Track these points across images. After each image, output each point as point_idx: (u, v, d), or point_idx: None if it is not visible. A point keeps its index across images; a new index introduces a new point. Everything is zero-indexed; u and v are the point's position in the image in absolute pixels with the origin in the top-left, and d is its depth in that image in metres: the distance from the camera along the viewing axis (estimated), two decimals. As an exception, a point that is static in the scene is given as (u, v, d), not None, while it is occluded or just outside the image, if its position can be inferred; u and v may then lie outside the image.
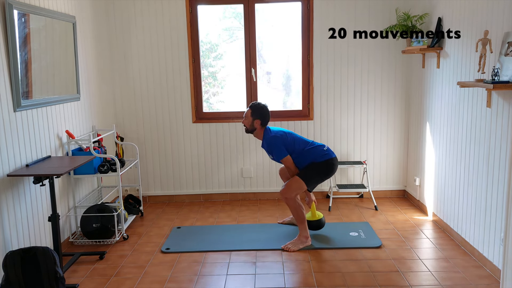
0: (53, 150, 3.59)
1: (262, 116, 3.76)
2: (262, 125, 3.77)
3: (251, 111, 3.77)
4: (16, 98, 3.05)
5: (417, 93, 4.62)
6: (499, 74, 2.88)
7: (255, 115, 3.75)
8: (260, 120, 3.75)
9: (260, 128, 3.79)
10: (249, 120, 3.78)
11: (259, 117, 3.75)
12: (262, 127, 3.78)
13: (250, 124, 3.78)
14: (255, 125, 3.77)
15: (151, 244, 3.85)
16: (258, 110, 3.76)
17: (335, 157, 3.78)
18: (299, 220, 3.70)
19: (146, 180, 5.06)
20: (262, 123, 3.77)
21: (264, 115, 3.76)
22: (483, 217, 3.29)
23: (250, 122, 3.78)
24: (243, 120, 3.83)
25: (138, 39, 4.82)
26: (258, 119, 3.75)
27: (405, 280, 3.12)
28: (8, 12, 2.96)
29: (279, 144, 3.70)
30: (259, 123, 3.76)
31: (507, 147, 2.91)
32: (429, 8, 4.25)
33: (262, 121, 3.76)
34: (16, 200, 3.07)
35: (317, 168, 3.72)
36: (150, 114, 4.95)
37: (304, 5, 4.77)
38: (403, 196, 5.05)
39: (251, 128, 3.80)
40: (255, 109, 3.77)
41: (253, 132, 3.82)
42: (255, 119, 3.75)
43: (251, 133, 3.84)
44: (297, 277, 3.22)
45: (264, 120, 3.77)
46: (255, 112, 3.76)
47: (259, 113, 3.75)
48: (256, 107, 3.78)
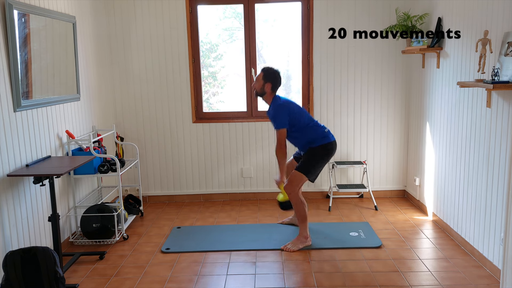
0: (53, 150, 3.59)
1: (273, 80, 3.70)
2: (272, 89, 3.72)
3: (263, 74, 3.71)
4: (16, 98, 3.05)
5: (417, 93, 4.62)
6: (499, 74, 2.88)
7: (266, 78, 3.70)
8: (271, 84, 3.69)
9: (270, 93, 3.73)
10: (260, 83, 3.72)
11: (270, 80, 3.69)
12: (272, 92, 3.73)
13: (261, 87, 3.72)
14: (266, 89, 3.71)
15: (151, 244, 3.85)
16: (270, 74, 3.71)
17: (334, 140, 3.74)
18: (300, 217, 3.69)
19: (146, 180, 5.06)
20: (272, 88, 3.71)
21: (276, 79, 3.71)
22: (483, 217, 3.29)
23: (261, 86, 3.72)
24: (254, 84, 3.78)
25: (138, 39, 4.82)
26: (269, 83, 3.69)
27: (405, 280, 3.12)
28: (8, 12, 2.96)
29: (285, 114, 3.64)
30: (269, 87, 3.70)
31: (507, 147, 2.91)
32: (429, 8, 4.25)
33: (273, 85, 3.70)
34: (16, 200, 3.07)
35: (314, 156, 3.68)
36: (150, 114, 4.95)
37: (304, 5, 4.77)
38: (403, 196, 5.05)
39: (261, 92, 3.74)
40: (267, 73, 3.71)
41: (263, 96, 3.77)
42: (266, 82, 3.69)
43: (260, 96, 3.79)
44: (297, 277, 3.22)
45: (275, 85, 3.71)
46: (267, 75, 3.70)
47: (271, 77, 3.70)
48: (269, 70, 3.72)
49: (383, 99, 4.87)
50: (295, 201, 3.66)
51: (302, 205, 3.68)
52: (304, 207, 3.69)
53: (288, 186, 3.65)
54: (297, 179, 3.65)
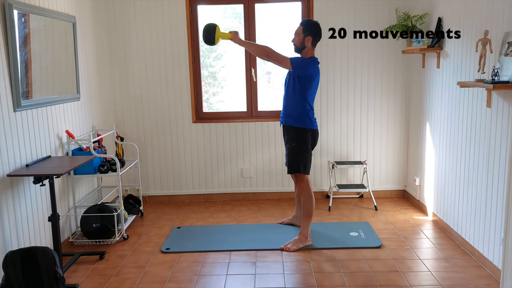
0: (53, 150, 3.59)
1: (314, 33, 3.54)
2: (313, 44, 3.57)
3: (303, 27, 3.55)
4: (16, 98, 3.05)
5: (417, 93, 4.62)
6: (499, 74, 2.88)
7: (307, 31, 3.53)
8: (312, 37, 3.55)
9: (311, 47, 3.58)
10: (300, 37, 3.55)
11: (311, 33, 3.54)
12: (312, 46, 3.58)
13: (301, 41, 3.56)
14: (306, 43, 3.55)
15: (151, 244, 3.85)
16: (311, 26, 3.54)
17: (316, 129, 3.67)
18: (306, 213, 3.69)
19: (146, 180, 5.06)
20: (313, 41, 3.57)
21: (317, 31, 3.56)
22: (483, 217, 3.29)
23: (301, 39, 3.55)
24: (293, 38, 3.61)
25: (138, 39, 4.82)
26: (310, 36, 3.54)
27: (405, 280, 3.12)
28: (8, 12, 2.96)
29: (307, 68, 3.48)
30: (310, 40, 3.55)
31: (507, 147, 2.91)
32: (429, 8, 4.25)
33: (313, 38, 3.55)
34: (16, 200, 3.07)
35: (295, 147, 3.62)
36: (150, 114, 4.95)
37: (304, 5, 4.77)
38: (403, 196, 5.05)
39: (301, 46, 3.58)
40: (307, 25, 3.55)
41: (302, 52, 3.60)
42: (307, 35, 3.53)
43: (299, 52, 3.62)
44: (297, 277, 3.22)
45: (316, 38, 3.57)
46: (308, 28, 3.54)
47: (312, 29, 3.54)
48: (309, 23, 3.56)
49: (383, 99, 4.87)
50: (307, 193, 3.68)
51: (311, 200, 3.69)
52: (312, 203, 3.69)
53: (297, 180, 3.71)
54: (298, 178, 3.71)
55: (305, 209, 3.70)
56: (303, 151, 3.65)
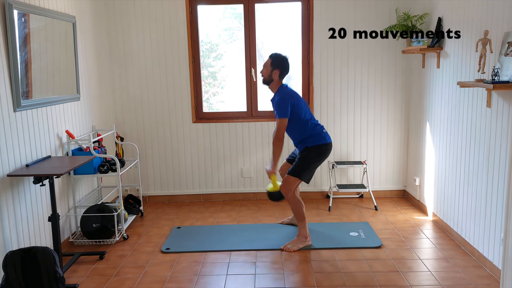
0: (53, 150, 3.59)
1: (281, 67, 3.63)
2: (280, 77, 3.66)
3: (271, 60, 3.65)
4: (16, 98, 3.05)
5: (417, 93, 4.62)
6: (499, 74, 2.88)
7: (275, 65, 3.63)
8: (280, 71, 3.63)
9: (278, 81, 3.67)
10: (268, 70, 3.66)
11: (278, 67, 3.63)
12: (279, 79, 3.67)
13: (269, 74, 3.65)
14: (274, 76, 3.65)
15: (151, 244, 3.85)
16: (279, 60, 3.64)
17: (330, 142, 3.71)
18: (299, 217, 3.69)
19: (146, 180, 5.06)
20: (280, 74, 3.65)
21: (284, 66, 3.65)
22: (483, 217, 3.29)
23: (268, 72, 3.65)
24: (262, 70, 3.71)
25: (138, 39, 4.82)
26: (277, 69, 3.63)
27: (405, 280, 3.12)
28: (8, 12, 2.96)
29: (288, 103, 3.57)
30: (277, 74, 3.64)
31: (507, 147, 2.91)
32: (429, 8, 4.25)
33: (281, 72, 3.64)
34: (16, 200, 3.07)
35: (307, 158, 3.65)
36: (150, 114, 4.95)
37: (304, 5, 4.77)
38: (403, 196, 5.05)
39: (269, 79, 3.67)
40: (275, 59, 3.65)
41: (270, 84, 3.70)
42: (275, 69, 3.63)
43: (267, 84, 3.72)
44: (297, 277, 3.22)
45: (284, 72, 3.65)
46: (276, 62, 3.64)
47: (280, 63, 3.64)
48: (277, 57, 3.66)
49: (383, 99, 4.87)
50: (293, 201, 3.66)
51: (300, 204, 3.68)
52: (301, 206, 3.69)
53: (283, 186, 3.64)
54: (291, 181, 3.65)
55: (296, 214, 3.71)
56: (311, 161, 3.67)
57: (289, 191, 3.63)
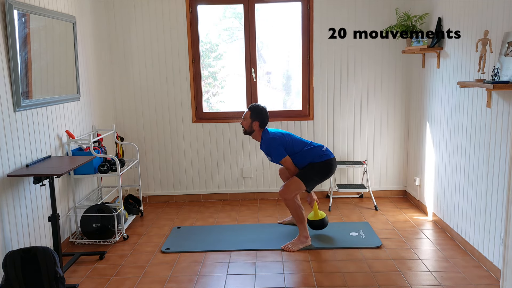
0: (53, 150, 3.59)
1: (261, 118, 3.75)
2: (260, 126, 3.78)
3: (250, 112, 3.77)
4: (16, 98, 3.05)
5: (417, 93, 4.62)
6: (499, 74, 2.88)
7: (254, 116, 3.75)
8: (259, 122, 3.75)
9: (259, 130, 3.79)
10: (248, 121, 3.78)
11: (258, 119, 3.75)
12: (260, 129, 3.79)
13: (249, 125, 3.78)
14: (254, 127, 3.77)
15: (151, 244, 3.85)
16: (257, 112, 3.76)
17: (333, 157, 3.79)
18: (299, 220, 3.71)
19: (146, 180, 5.06)
20: (260, 125, 3.77)
21: (263, 117, 3.76)
22: (483, 217, 3.29)
23: (248, 124, 3.78)
24: (242, 121, 3.84)
25: (138, 39, 4.82)
26: (257, 121, 3.75)
27: (405, 280, 3.12)
28: (8, 12, 2.96)
29: (277, 145, 3.69)
30: (257, 125, 3.76)
31: (507, 147, 2.91)
32: (429, 8, 4.25)
33: (260, 123, 3.76)
34: (16, 200, 3.07)
35: (315, 169, 3.72)
36: (150, 114, 4.95)
37: (304, 5, 4.77)
38: (403, 196, 5.05)
39: (250, 130, 3.80)
40: (254, 111, 3.77)
41: (252, 134, 3.82)
42: (254, 120, 3.75)
43: (249, 134, 3.84)
44: (297, 277, 3.22)
45: (263, 122, 3.77)
46: (254, 113, 3.76)
47: (258, 115, 3.75)
48: (256, 109, 3.78)
49: (383, 99, 4.87)
50: (292, 206, 3.68)
51: (299, 208, 3.71)
52: (301, 210, 3.71)
53: (284, 190, 3.66)
54: (295, 186, 3.66)
55: (295, 217, 3.73)
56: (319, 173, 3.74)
57: (289, 196, 3.65)
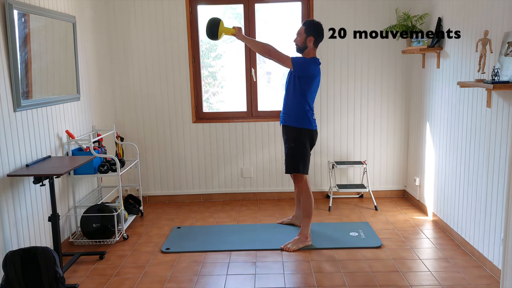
0: (53, 150, 3.59)
1: (316, 33, 3.55)
2: (315, 44, 3.58)
3: (305, 27, 3.56)
4: (16, 98, 3.05)
5: (417, 93, 4.62)
6: (499, 74, 2.88)
7: (309, 31, 3.54)
8: (314, 37, 3.55)
9: (313, 48, 3.58)
10: (302, 37, 3.56)
11: (313, 33, 3.54)
12: (314, 46, 3.59)
13: (303, 41, 3.56)
14: (308, 43, 3.56)
15: (151, 244, 3.85)
16: (313, 26, 3.56)
17: (315, 129, 3.68)
18: (306, 212, 3.70)
19: (146, 180, 5.06)
20: (315, 42, 3.57)
21: (319, 32, 3.57)
22: (483, 217, 3.29)
23: (303, 39, 3.56)
24: (295, 38, 3.61)
25: (138, 39, 4.82)
26: (312, 36, 3.55)
27: (405, 280, 3.12)
28: (8, 12, 2.96)
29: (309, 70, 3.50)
30: (312, 40, 3.55)
31: (507, 147, 2.91)
32: (429, 8, 4.25)
33: (315, 39, 3.56)
34: (16, 200, 3.07)
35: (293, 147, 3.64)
36: (150, 114, 4.95)
37: (304, 5, 4.77)
38: (403, 196, 5.05)
39: (303, 46, 3.58)
40: (310, 26, 3.56)
41: (304, 52, 3.60)
42: (309, 36, 3.54)
43: (301, 52, 3.62)
44: (297, 277, 3.22)
45: (318, 39, 3.58)
46: (310, 28, 3.55)
47: (314, 30, 3.55)
48: (311, 23, 3.58)
49: (383, 99, 4.87)
50: (306, 193, 3.69)
51: (310, 199, 3.71)
52: (311, 203, 3.71)
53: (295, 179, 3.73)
54: (297, 178, 3.72)
55: (304, 209, 3.71)
56: (301, 151, 3.66)
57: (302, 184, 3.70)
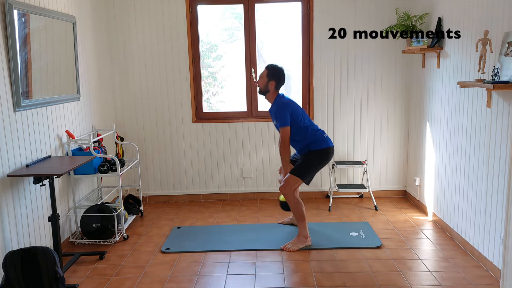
0: (53, 150, 3.59)
1: (277, 78, 3.68)
2: (276, 88, 3.70)
3: (267, 71, 3.70)
4: (16, 98, 3.05)
5: (417, 93, 4.62)
6: (499, 74, 2.88)
7: (271, 76, 3.68)
8: (276, 82, 3.68)
9: (274, 91, 3.72)
10: (264, 80, 3.70)
11: (275, 78, 3.68)
12: (276, 90, 3.72)
13: (265, 85, 3.70)
14: (270, 87, 3.70)
15: (151, 244, 3.85)
16: (275, 71, 3.69)
17: (332, 146, 3.75)
18: (299, 217, 3.70)
19: (146, 180, 5.06)
20: (276, 86, 3.70)
21: (280, 77, 3.69)
22: (483, 217, 3.29)
23: (265, 83, 3.70)
24: (258, 81, 3.76)
25: (138, 39, 4.82)
26: (273, 81, 3.68)
27: (405, 280, 3.12)
28: (8, 12, 2.96)
29: (287, 112, 3.63)
30: (274, 85, 3.69)
31: (507, 147, 2.91)
32: (429, 8, 4.25)
33: (277, 83, 3.69)
34: (16, 200, 3.07)
35: (310, 160, 3.68)
36: (150, 114, 4.95)
37: (304, 5, 4.77)
38: (403, 196, 5.05)
39: (265, 90, 3.72)
40: (271, 70, 3.69)
41: (266, 94, 3.75)
42: (271, 80, 3.68)
43: (263, 94, 3.77)
44: (297, 277, 3.22)
45: (279, 83, 3.70)
46: (272, 73, 3.68)
47: (276, 74, 3.68)
48: (273, 68, 3.71)
49: (383, 99, 4.87)
50: (292, 201, 3.67)
51: (299, 204, 3.69)
52: (301, 207, 3.69)
53: (283, 187, 3.66)
54: (292, 181, 3.65)
55: (296, 215, 3.72)
56: (315, 164, 3.71)
57: (289, 192, 3.64)
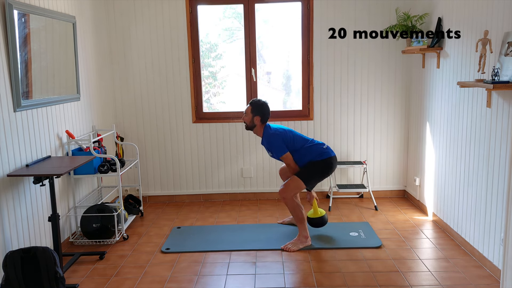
0: (53, 150, 3.59)
1: (262, 113, 3.77)
2: (262, 122, 3.79)
3: (251, 107, 3.79)
4: (16, 98, 3.05)
5: (417, 93, 4.62)
6: (499, 74, 2.88)
7: (255, 111, 3.77)
8: (260, 117, 3.77)
9: (260, 125, 3.80)
10: (249, 116, 3.79)
11: (259, 113, 3.77)
12: (262, 124, 3.80)
13: (250, 120, 3.80)
14: (255, 122, 3.79)
15: (151, 244, 3.85)
16: (259, 106, 3.78)
17: (334, 155, 3.79)
18: (298, 220, 3.71)
19: (146, 180, 5.06)
20: (262, 120, 3.78)
21: (264, 112, 3.77)
22: (483, 217, 3.29)
23: (250, 119, 3.79)
24: (243, 117, 3.85)
25: (138, 39, 4.82)
26: (258, 116, 3.77)
27: (405, 280, 3.12)
28: (8, 12, 2.96)
29: (279, 141, 3.70)
30: (259, 119, 3.77)
31: (507, 147, 2.91)
32: (429, 8, 4.25)
33: (262, 118, 3.77)
34: (16, 200, 3.07)
35: (315, 167, 3.73)
36: (150, 114, 4.95)
37: (304, 5, 4.77)
38: (403, 196, 5.05)
39: (251, 125, 3.81)
40: (255, 106, 3.79)
41: (253, 129, 3.84)
42: (255, 115, 3.77)
43: (251, 130, 3.86)
44: (297, 277, 3.22)
45: (264, 117, 3.78)
46: (256, 108, 3.77)
47: (260, 109, 3.77)
48: (257, 103, 3.80)
49: (383, 99, 4.87)
50: (291, 205, 3.68)
51: (298, 207, 3.70)
52: (300, 209, 3.71)
53: (284, 189, 3.66)
54: (295, 184, 3.66)
55: (295, 217, 3.73)
56: (319, 171, 3.75)
57: (288, 195, 3.65)
